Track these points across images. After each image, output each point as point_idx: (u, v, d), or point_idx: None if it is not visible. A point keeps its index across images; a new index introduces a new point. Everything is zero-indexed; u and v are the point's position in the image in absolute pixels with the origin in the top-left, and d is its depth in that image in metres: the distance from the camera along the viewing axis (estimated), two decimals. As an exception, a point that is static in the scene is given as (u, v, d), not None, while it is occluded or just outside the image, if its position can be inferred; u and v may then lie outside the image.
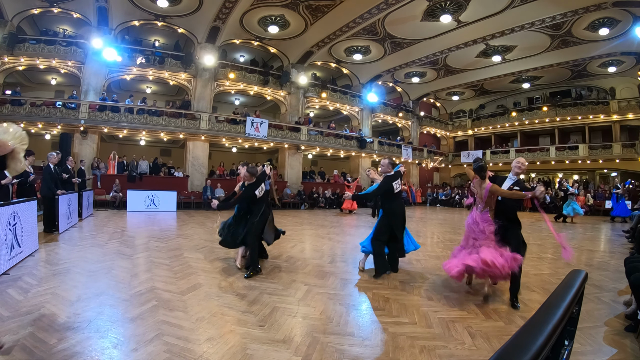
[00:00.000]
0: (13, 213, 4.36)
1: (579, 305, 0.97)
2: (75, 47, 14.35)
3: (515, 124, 22.91)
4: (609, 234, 9.73)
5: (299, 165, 18.71)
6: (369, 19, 14.21)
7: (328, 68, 20.35)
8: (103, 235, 6.76)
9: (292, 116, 18.74)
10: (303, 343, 2.52)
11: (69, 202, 7.48)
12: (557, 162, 20.78)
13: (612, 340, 2.68)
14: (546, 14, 13.21)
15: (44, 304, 3.03)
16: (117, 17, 14.37)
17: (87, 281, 3.76)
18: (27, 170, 5.92)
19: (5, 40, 13.24)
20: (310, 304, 3.35)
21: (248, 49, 18.46)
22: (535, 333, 0.64)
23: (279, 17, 14.47)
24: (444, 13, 13.57)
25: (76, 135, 13.92)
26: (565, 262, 5.43)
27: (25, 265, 4.34)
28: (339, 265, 5.01)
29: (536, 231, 9.69)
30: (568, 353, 0.90)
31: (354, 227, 9.56)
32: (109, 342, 2.43)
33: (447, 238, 8.09)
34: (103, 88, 14.80)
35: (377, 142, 21.23)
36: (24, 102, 13.50)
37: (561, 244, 3.46)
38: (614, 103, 19.19)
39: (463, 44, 16.19)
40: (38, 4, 13.63)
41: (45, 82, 17.32)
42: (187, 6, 13.75)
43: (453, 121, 26.76)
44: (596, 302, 3.61)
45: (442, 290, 3.91)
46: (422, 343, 2.58)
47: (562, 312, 0.74)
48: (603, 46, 15.50)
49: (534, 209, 17.89)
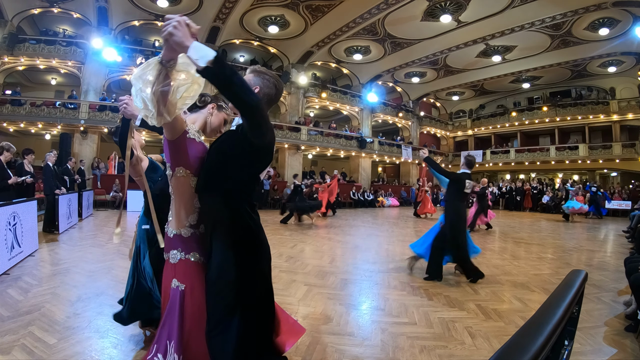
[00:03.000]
0: (13, 213, 4.36)
1: (579, 305, 0.97)
2: (75, 47, 14.37)
3: (515, 124, 22.92)
4: (609, 234, 9.74)
5: (299, 165, 18.71)
6: (369, 19, 14.22)
7: (328, 68, 20.36)
8: (103, 235, 6.76)
9: (292, 116, 18.75)
10: (303, 343, 2.52)
11: (69, 202, 7.48)
12: (557, 162, 20.79)
13: (612, 340, 2.68)
14: (546, 14, 13.21)
15: (44, 304, 3.03)
16: (117, 17, 14.38)
17: (87, 281, 3.76)
18: (27, 169, 5.91)
19: (5, 40, 13.24)
20: (310, 304, 3.35)
21: (248, 49, 18.47)
22: (535, 333, 0.64)
23: (279, 17, 14.47)
24: (444, 13, 13.57)
25: (76, 135, 13.93)
26: (565, 262, 5.43)
27: (25, 265, 4.34)
28: (339, 265, 5.01)
29: (536, 231, 9.69)
30: (568, 353, 0.90)
31: (353, 227, 9.56)
32: (109, 342, 2.43)
33: (447, 238, 8.08)
34: (103, 88, 14.82)
35: (377, 142, 21.22)
36: (24, 102, 13.51)
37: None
38: (614, 103, 19.19)
39: (463, 44, 16.19)
40: (38, 4, 13.63)
41: (45, 82, 17.34)
42: (187, 6, 13.75)
43: (453, 121, 26.76)
44: (596, 302, 3.60)
45: (442, 290, 3.91)
46: (422, 343, 2.58)
47: (562, 312, 0.74)
48: (603, 46, 15.51)
49: (534, 209, 17.91)
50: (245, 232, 1.52)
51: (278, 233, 7.95)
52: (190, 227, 1.61)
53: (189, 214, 1.61)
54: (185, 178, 1.59)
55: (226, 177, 1.50)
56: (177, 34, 1.20)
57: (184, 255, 1.59)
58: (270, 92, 1.60)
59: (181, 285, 1.56)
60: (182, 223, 1.60)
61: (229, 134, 1.57)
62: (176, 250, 1.59)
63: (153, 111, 1.35)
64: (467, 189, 4.32)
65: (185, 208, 1.61)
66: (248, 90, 1.28)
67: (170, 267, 1.60)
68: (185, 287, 1.56)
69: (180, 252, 1.59)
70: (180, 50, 1.24)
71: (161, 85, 1.31)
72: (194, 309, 1.55)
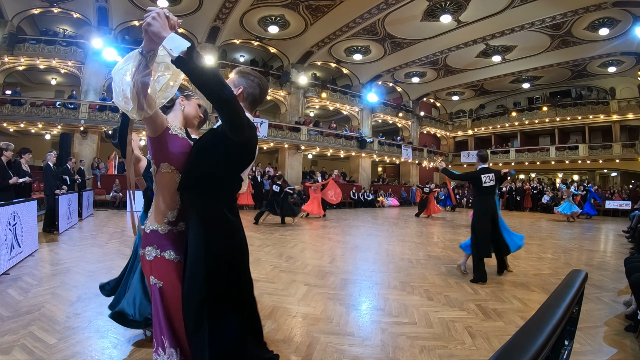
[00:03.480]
0: (13, 213, 4.36)
1: (579, 305, 0.97)
2: (75, 47, 14.37)
3: (515, 124, 22.93)
4: (609, 234, 9.74)
5: (299, 165, 18.72)
6: (369, 19, 14.22)
7: (328, 68, 20.36)
8: (103, 235, 6.76)
9: (292, 116, 18.75)
10: (303, 343, 2.52)
11: (69, 202, 7.48)
12: (557, 162, 20.80)
13: (612, 340, 2.68)
14: (546, 14, 13.21)
15: (44, 304, 3.03)
16: (117, 17, 14.38)
17: (87, 281, 3.75)
18: (25, 169, 5.90)
19: (5, 40, 13.25)
20: (310, 304, 3.35)
21: (248, 49, 18.47)
22: (535, 333, 0.64)
23: (279, 17, 14.47)
24: (444, 13, 13.58)
25: (76, 135, 13.93)
26: (564, 262, 5.43)
27: (25, 265, 4.34)
28: (339, 265, 5.01)
29: (536, 231, 9.70)
30: (568, 353, 0.90)
31: (353, 227, 9.57)
32: (109, 342, 2.43)
33: (447, 238, 8.09)
34: (103, 88, 14.81)
35: (377, 142, 21.23)
36: (24, 102, 13.51)
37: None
38: (614, 103, 19.20)
39: (463, 44, 16.19)
40: (38, 4, 13.63)
41: (45, 82, 17.34)
42: (187, 6, 13.76)
43: (453, 121, 26.76)
44: (596, 302, 3.61)
45: (442, 290, 3.91)
46: (422, 343, 2.58)
47: (562, 312, 0.74)
48: (603, 46, 15.51)
49: (534, 209, 17.92)
50: (219, 231, 1.50)
51: (278, 233, 7.95)
52: (168, 223, 1.60)
53: (170, 209, 1.61)
54: (170, 174, 1.59)
55: (205, 174, 1.50)
56: (154, 25, 1.25)
57: (159, 252, 1.58)
58: (254, 91, 1.62)
59: (159, 282, 1.56)
60: (161, 219, 1.60)
61: (210, 131, 1.56)
62: (151, 247, 1.58)
63: (132, 104, 1.37)
64: (487, 183, 4.49)
65: (166, 203, 1.61)
66: (220, 83, 1.28)
67: (147, 263, 1.59)
68: (163, 284, 1.55)
69: (156, 249, 1.58)
70: (157, 41, 1.27)
71: (141, 75, 1.34)
72: (177, 306, 1.53)
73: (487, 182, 4.49)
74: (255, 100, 1.64)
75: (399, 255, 5.75)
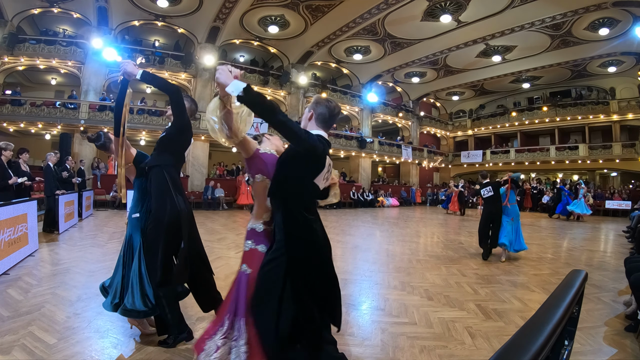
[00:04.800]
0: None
1: (579, 305, 0.97)
2: (75, 47, 14.35)
3: (515, 124, 22.91)
4: (609, 234, 9.74)
5: (299, 165, 18.68)
6: (369, 19, 14.21)
7: (328, 68, 20.35)
8: (103, 235, 6.76)
9: (292, 116, 18.72)
10: (303, 343, 2.52)
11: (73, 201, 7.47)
12: (557, 162, 20.79)
13: (612, 340, 2.68)
14: (546, 14, 13.21)
15: (44, 304, 3.03)
16: (117, 17, 14.37)
17: (87, 281, 3.76)
18: (24, 169, 5.90)
19: (5, 40, 13.24)
20: (310, 304, 3.34)
21: (248, 49, 18.46)
22: (535, 333, 0.64)
23: (279, 17, 14.47)
24: (444, 13, 13.57)
25: (76, 135, 13.92)
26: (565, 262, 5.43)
27: (25, 265, 4.34)
28: (339, 265, 5.01)
29: (536, 231, 9.70)
30: (568, 353, 0.90)
31: (353, 227, 9.56)
32: (109, 342, 2.43)
33: (448, 238, 8.09)
34: (103, 88, 14.81)
35: (377, 142, 21.22)
36: (24, 102, 13.50)
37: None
38: (614, 103, 19.19)
39: (463, 44, 16.19)
40: (38, 4, 13.63)
41: (45, 82, 17.33)
42: (187, 6, 13.75)
43: (453, 121, 26.75)
44: (596, 302, 3.61)
45: (442, 290, 3.91)
46: (422, 343, 2.58)
47: (562, 312, 0.74)
48: (603, 46, 15.50)
49: (534, 209, 17.90)
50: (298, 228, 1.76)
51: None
52: (264, 223, 1.97)
53: (264, 212, 1.97)
54: (263, 182, 1.95)
55: (284, 181, 1.80)
56: (220, 77, 1.64)
57: (254, 245, 1.94)
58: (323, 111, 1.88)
59: (248, 270, 1.89)
60: (258, 220, 1.97)
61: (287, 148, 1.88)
62: (250, 240, 1.96)
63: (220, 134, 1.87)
64: (486, 194, 5.88)
65: (262, 207, 1.97)
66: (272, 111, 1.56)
67: (244, 253, 1.96)
68: (252, 272, 1.87)
69: (252, 243, 1.94)
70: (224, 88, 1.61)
71: (222, 113, 1.83)
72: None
73: (485, 194, 5.86)
74: (326, 119, 1.89)
75: (399, 255, 5.76)
